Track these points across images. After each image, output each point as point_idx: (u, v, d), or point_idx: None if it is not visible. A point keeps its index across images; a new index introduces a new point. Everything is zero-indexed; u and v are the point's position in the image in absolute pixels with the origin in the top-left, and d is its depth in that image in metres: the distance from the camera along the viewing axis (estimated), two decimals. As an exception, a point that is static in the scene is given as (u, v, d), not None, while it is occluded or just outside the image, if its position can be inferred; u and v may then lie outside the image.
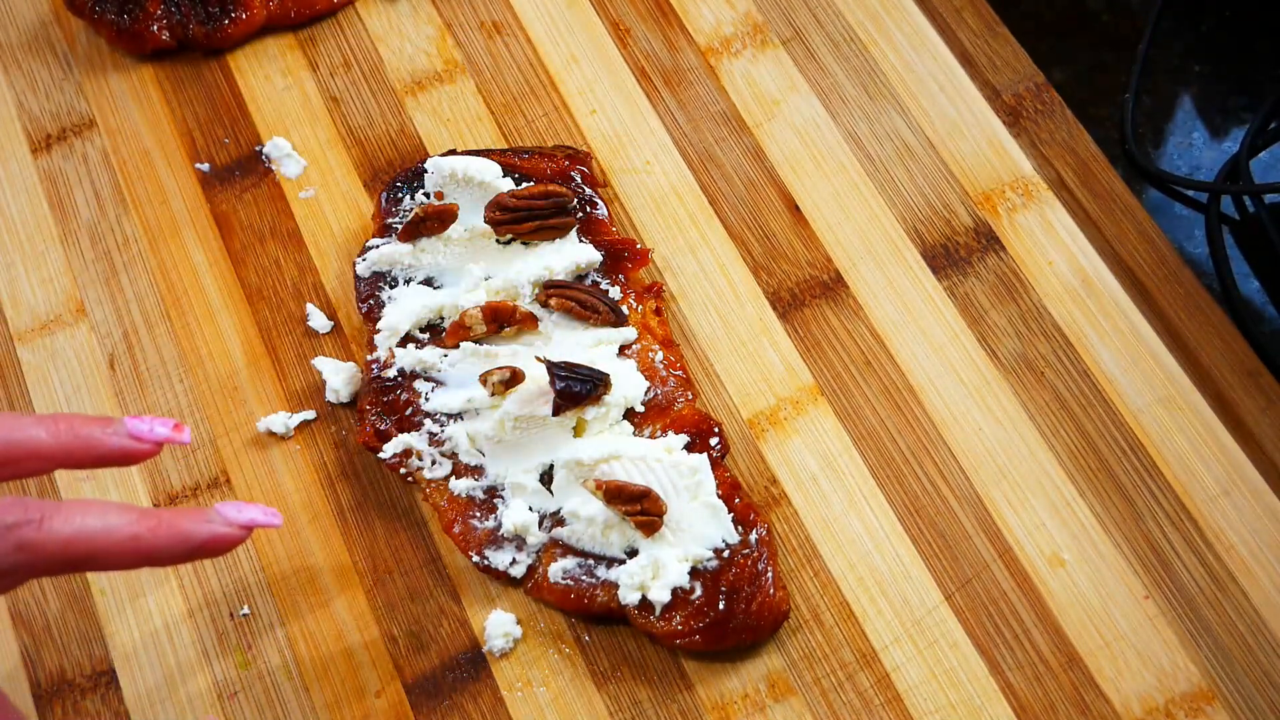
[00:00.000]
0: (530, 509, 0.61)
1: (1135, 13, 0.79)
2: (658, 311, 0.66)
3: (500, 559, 0.61)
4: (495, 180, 0.67)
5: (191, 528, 0.50)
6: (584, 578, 0.60)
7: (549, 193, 0.66)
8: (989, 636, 0.59)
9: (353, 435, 0.66)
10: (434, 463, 0.63)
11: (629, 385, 0.63)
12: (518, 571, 0.61)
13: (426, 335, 0.66)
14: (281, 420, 0.66)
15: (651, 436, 0.62)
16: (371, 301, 0.67)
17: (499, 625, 0.60)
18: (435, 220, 0.65)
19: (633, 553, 0.59)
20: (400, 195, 0.69)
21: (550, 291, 0.65)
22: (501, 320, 0.64)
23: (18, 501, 0.48)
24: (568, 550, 0.60)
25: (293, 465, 0.65)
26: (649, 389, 0.63)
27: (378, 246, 0.67)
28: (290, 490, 0.65)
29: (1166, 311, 0.66)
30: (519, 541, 0.61)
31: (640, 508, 0.58)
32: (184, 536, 0.50)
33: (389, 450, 0.63)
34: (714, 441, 0.62)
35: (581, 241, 0.67)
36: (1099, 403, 0.64)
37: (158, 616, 0.63)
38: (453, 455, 0.63)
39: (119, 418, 0.53)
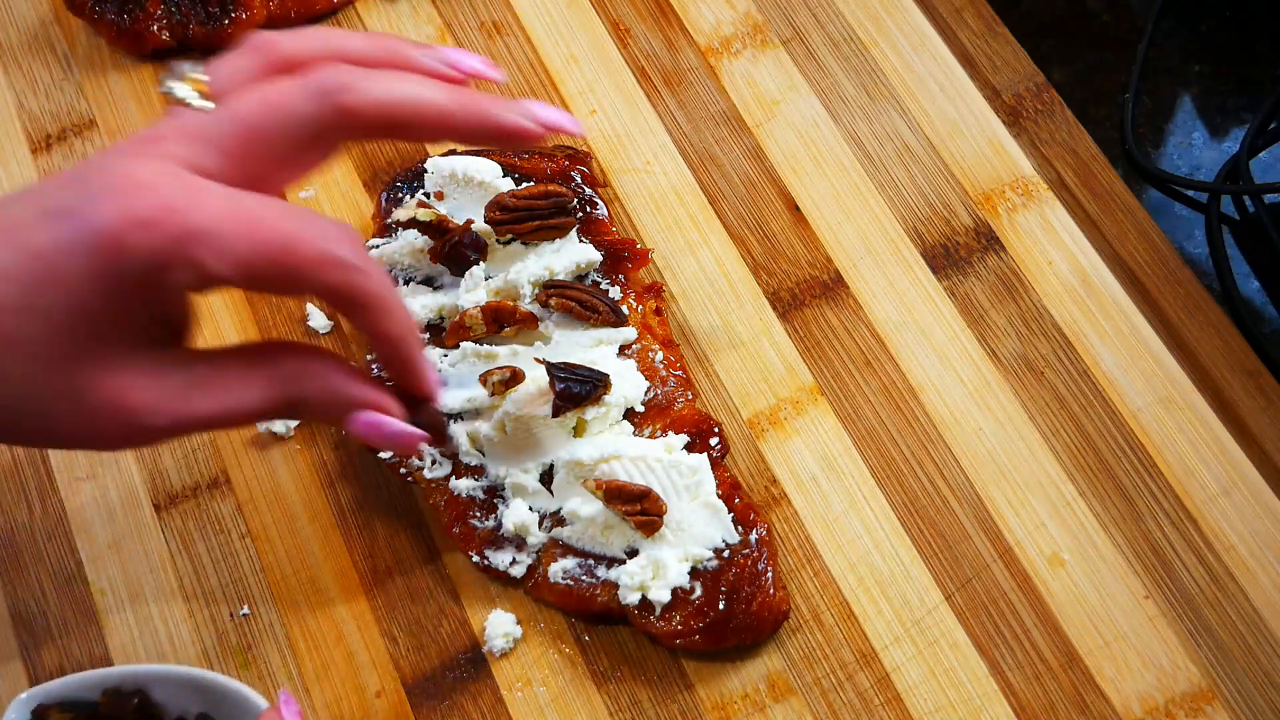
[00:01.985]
0: (530, 509, 0.61)
1: (1135, 13, 0.79)
2: (658, 311, 0.66)
3: (500, 559, 0.61)
4: (495, 180, 0.67)
5: (497, 114, 0.52)
6: (584, 578, 0.60)
7: (549, 193, 0.66)
8: (989, 636, 0.59)
9: (353, 435, 0.65)
10: (434, 463, 0.63)
11: (629, 385, 0.63)
12: (518, 571, 0.61)
13: (426, 335, 0.66)
14: (282, 420, 0.66)
15: (651, 436, 0.62)
16: (371, 301, 0.66)
17: (499, 625, 0.61)
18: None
19: (633, 553, 0.59)
20: (400, 195, 0.69)
21: (550, 291, 0.65)
22: (501, 320, 0.64)
23: (334, 69, 0.49)
24: (568, 550, 0.60)
25: (293, 465, 0.65)
26: (649, 389, 0.63)
27: (378, 246, 0.67)
28: (290, 490, 0.65)
29: (1166, 311, 0.66)
30: (519, 541, 0.61)
31: (640, 508, 0.58)
32: (488, 119, 0.51)
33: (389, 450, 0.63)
34: (714, 441, 0.62)
35: (581, 241, 0.67)
36: (1099, 403, 0.64)
37: (158, 616, 0.63)
38: (453, 455, 0.62)
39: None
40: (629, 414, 0.63)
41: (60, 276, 0.45)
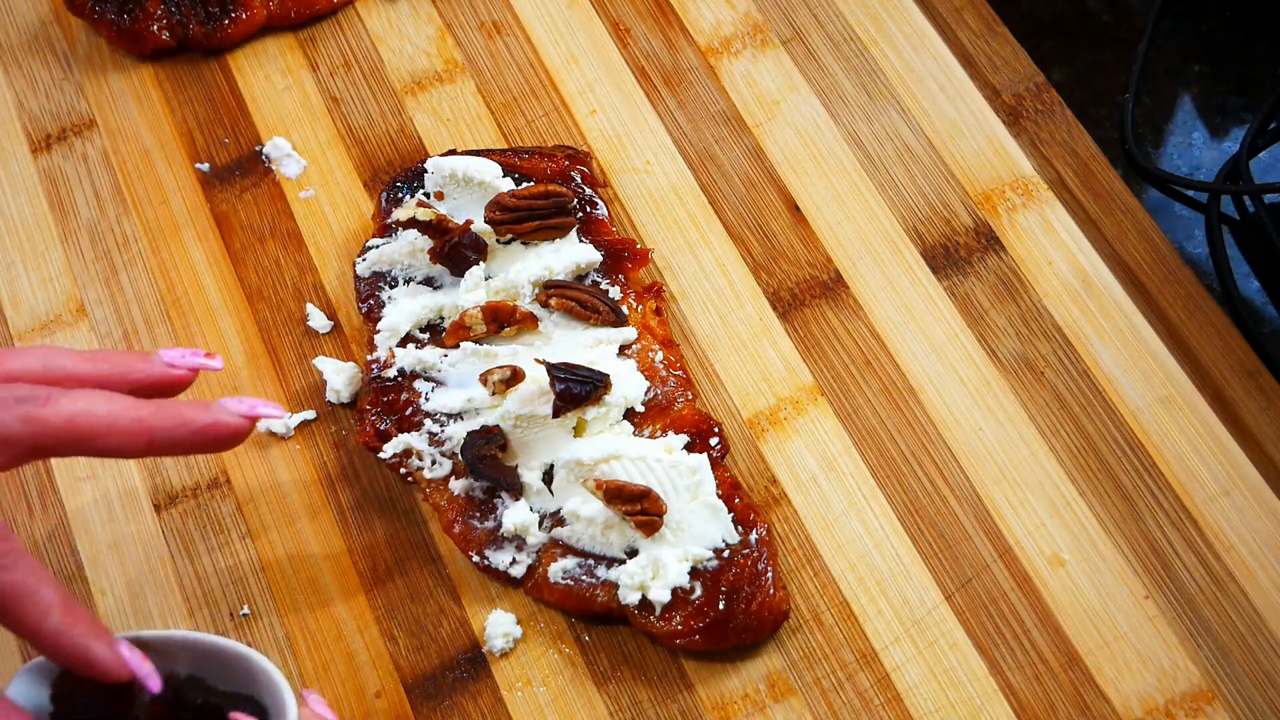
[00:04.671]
0: (530, 509, 0.61)
1: (1135, 13, 0.79)
2: (658, 311, 0.66)
3: (500, 559, 0.61)
4: (495, 180, 0.67)
5: (194, 414, 0.51)
6: (584, 578, 0.60)
7: (549, 193, 0.66)
8: (989, 636, 0.59)
9: (353, 435, 0.66)
10: (434, 463, 0.63)
11: (629, 385, 0.63)
12: (518, 571, 0.61)
13: (426, 335, 0.66)
14: (282, 420, 0.66)
15: (651, 436, 0.62)
16: (371, 301, 0.67)
17: (499, 625, 0.61)
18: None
19: (633, 553, 0.59)
20: (400, 195, 0.69)
21: (550, 291, 0.65)
22: (501, 320, 0.64)
23: (28, 385, 0.49)
24: (568, 550, 0.60)
25: (293, 465, 0.65)
26: (649, 389, 0.63)
27: (378, 246, 0.67)
28: (290, 490, 0.65)
29: (1166, 311, 0.66)
30: (519, 541, 0.61)
31: (640, 508, 0.58)
32: (185, 421, 0.51)
33: (389, 450, 0.63)
34: (714, 441, 0.62)
35: (581, 241, 0.67)
36: (1099, 403, 0.64)
37: (158, 617, 0.63)
38: (453, 455, 0.62)
39: (154, 350, 0.54)
40: (629, 414, 0.63)
41: None
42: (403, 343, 0.65)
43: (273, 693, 0.53)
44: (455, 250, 0.65)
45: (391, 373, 0.64)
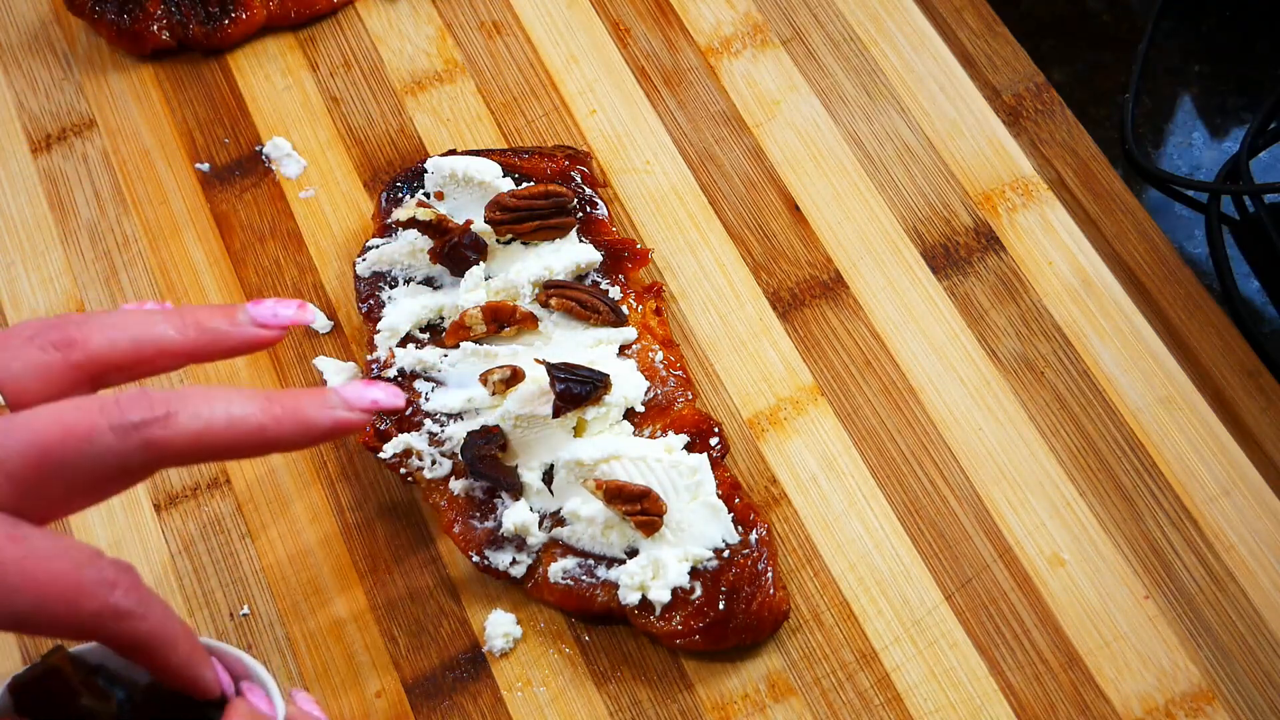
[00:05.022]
0: (530, 509, 0.61)
1: (1135, 13, 0.79)
2: (658, 311, 0.66)
3: (500, 559, 0.61)
4: (495, 180, 0.67)
5: (315, 415, 0.49)
6: (584, 578, 0.60)
7: (549, 193, 0.66)
8: (989, 636, 0.59)
9: (353, 435, 0.66)
10: (434, 463, 0.63)
11: (629, 385, 0.63)
12: (518, 571, 0.61)
13: (426, 335, 0.66)
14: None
15: (651, 436, 0.62)
16: (371, 301, 0.67)
17: (499, 625, 0.61)
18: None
19: (633, 553, 0.59)
20: (400, 195, 0.69)
21: (550, 291, 0.65)
22: (501, 320, 0.64)
23: (142, 395, 0.46)
24: (568, 550, 0.60)
25: (293, 465, 0.65)
26: (649, 389, 0.63)
27: (378, 246, 0.67)
28: (290, 490, 0.65)
29: (1166, 311, 0.66)
30: (519, 541, 0.61)
31: (640, 508, 0.58)
32: (308, 425, 0.49)
33: (389, 450, 0.63)
34: (714, 441, 0.62)
35: (581, 241, 0.67)
36: (1099, 403, 0.64)
37: (158, 616, 0.63)
38: (453, 455, 0.62)
39: (242, 305, 0.52)
40: (629, 414, 0.63)
41: None
42: (403, 343, 0.65)
43: (260, 692, 0.53)
44: (455, 250, 0.65)
45: (391, 373, 0.64)
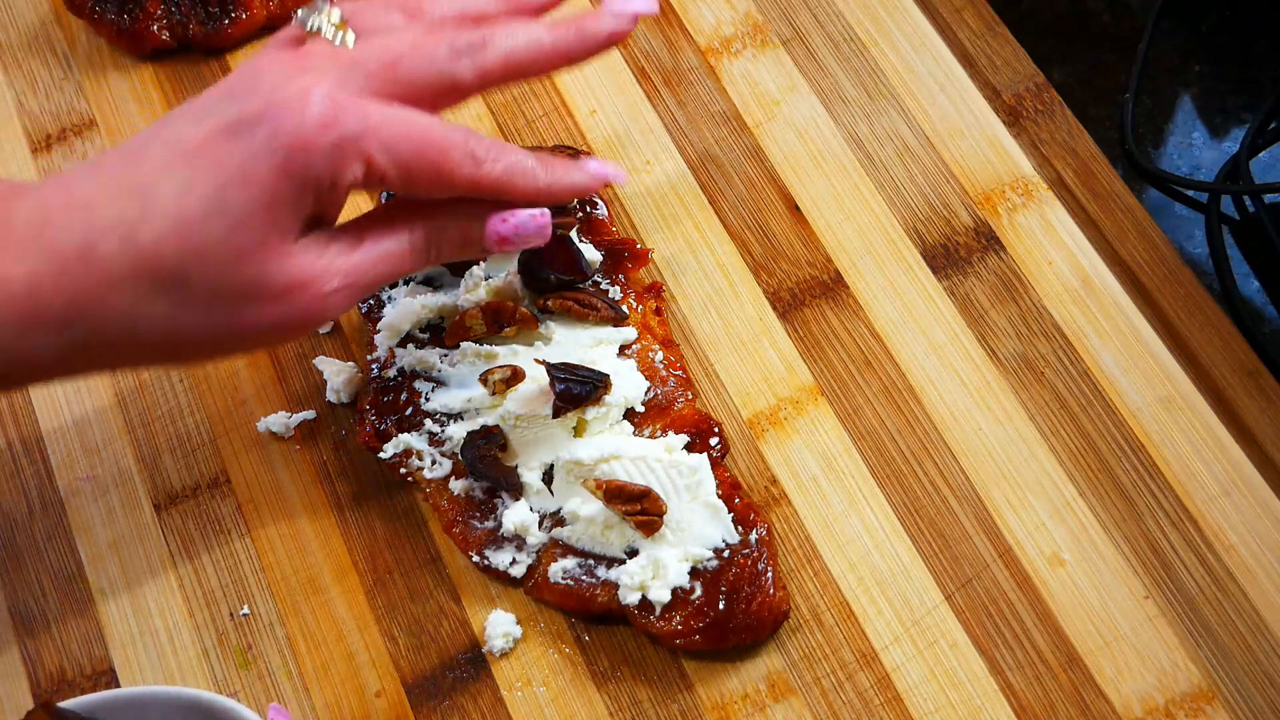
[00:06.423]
0: (530, 509, 0.61)
1: (1135, 13, 0.79)
2: (658, 311, 0.66)
3: (500, 559, 0.61)
4: (495, 180, 0.67)
5: (594, 28, 0.58)
6: (584, 578, 0.60)
7: (549, 193, 0.66)
8: (989, 636, 0.59)
9: (353, 435, 0.66)
10: (434, 463, 0.63)
11: (629, 385, 0.63)
12: (518, 571, 0.61)
13: (426, 335, 0.66)
14: (281, 420, 0.66)
15: (651, 436, 0.62)
16: (371, 301, 0.67)
17: (499, 625, 0.61)
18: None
19: (633, 553, 0.59)
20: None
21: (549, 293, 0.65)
22: (501, 320, 0.64)
23: (465, 26, 0.56)
24: (568, 550, 0.60)
25: (293, 465, 0.65)
26: (649, 389, 0.63)
27: (378, 246, 0.67)
28: (290, 490, 0.65)
29: (1166, 311, 0.66)
30: (519, 541, 0.61)
31: (640, 508, 0.58)
32: (586, 35, 0.58)
33: (389, 450, 0.63)
34: (714, 441, 0.62)
35: (581, 241, 0.67)
36: (1099, 403, 0.64)
37: (158, 616, 0.63)
38: (453, 455, 0.63)
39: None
40: (629, 414, 0.63)
41: (250, 180, 0.50)
42: (403, 343, 0.65)
43: None
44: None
45: (391, 373, 0.64)
